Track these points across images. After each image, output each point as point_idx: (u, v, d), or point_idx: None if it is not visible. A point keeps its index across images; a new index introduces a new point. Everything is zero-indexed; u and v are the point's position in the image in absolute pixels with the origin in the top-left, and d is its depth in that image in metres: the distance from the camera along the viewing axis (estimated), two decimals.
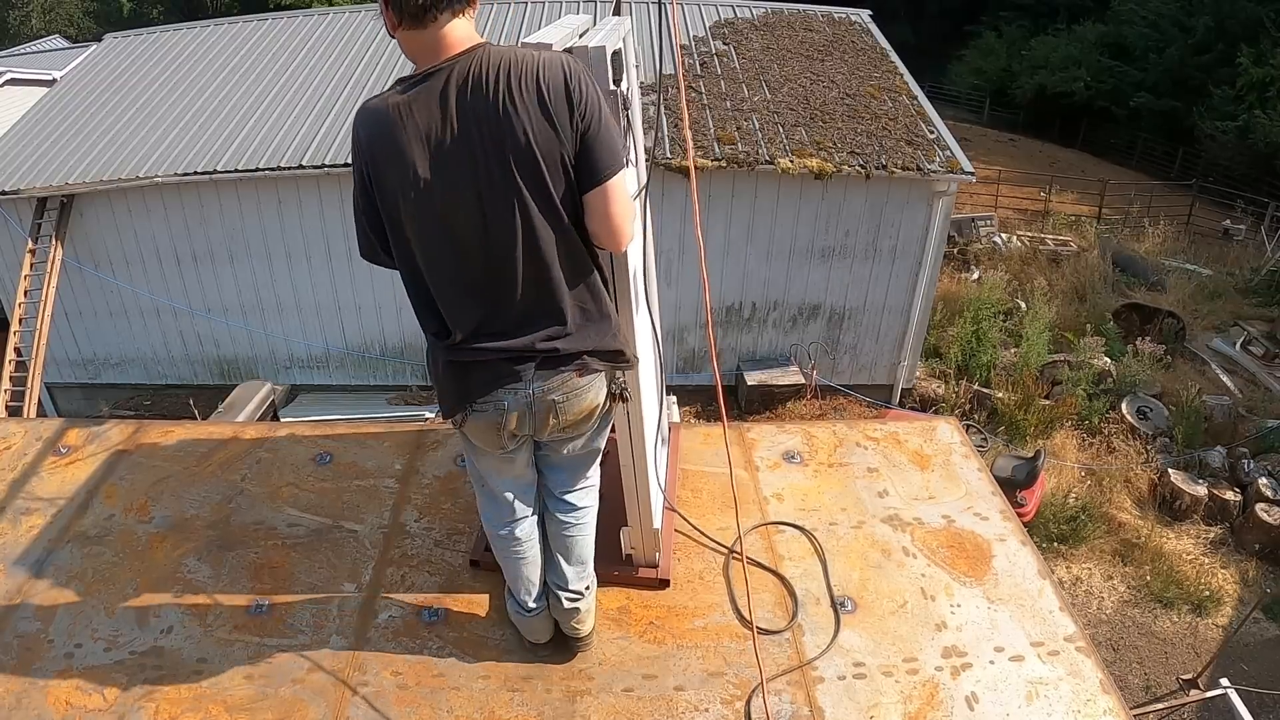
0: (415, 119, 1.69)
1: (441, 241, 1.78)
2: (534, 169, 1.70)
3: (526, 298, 1.81)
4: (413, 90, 1.70)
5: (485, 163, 1.69)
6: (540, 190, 1.71)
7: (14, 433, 3.15)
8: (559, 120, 1.68)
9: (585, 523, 2.20)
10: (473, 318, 1.83)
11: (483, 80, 1.67)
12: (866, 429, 3.21)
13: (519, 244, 1.74)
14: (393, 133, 1.70)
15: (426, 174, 1.70)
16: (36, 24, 27.51)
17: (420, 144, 1.69)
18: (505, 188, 1.71)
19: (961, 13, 30.79)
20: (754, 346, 10.75)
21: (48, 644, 2.30)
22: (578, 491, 2.18)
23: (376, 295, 10.34)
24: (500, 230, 1.74)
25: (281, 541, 2.63)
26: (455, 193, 1.72)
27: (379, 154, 1.73)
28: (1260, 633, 7.98)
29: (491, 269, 1.78)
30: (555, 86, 1.68)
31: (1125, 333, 12.22)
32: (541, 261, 1.77)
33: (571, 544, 2.18)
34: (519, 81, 1.66)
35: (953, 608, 2.45)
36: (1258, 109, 19.81)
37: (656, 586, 2.48)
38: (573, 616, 2.19)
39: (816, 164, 9.37)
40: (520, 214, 1.72)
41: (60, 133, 10.49)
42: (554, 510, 2.18)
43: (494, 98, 1.66)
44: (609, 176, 1.74)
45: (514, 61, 1.68)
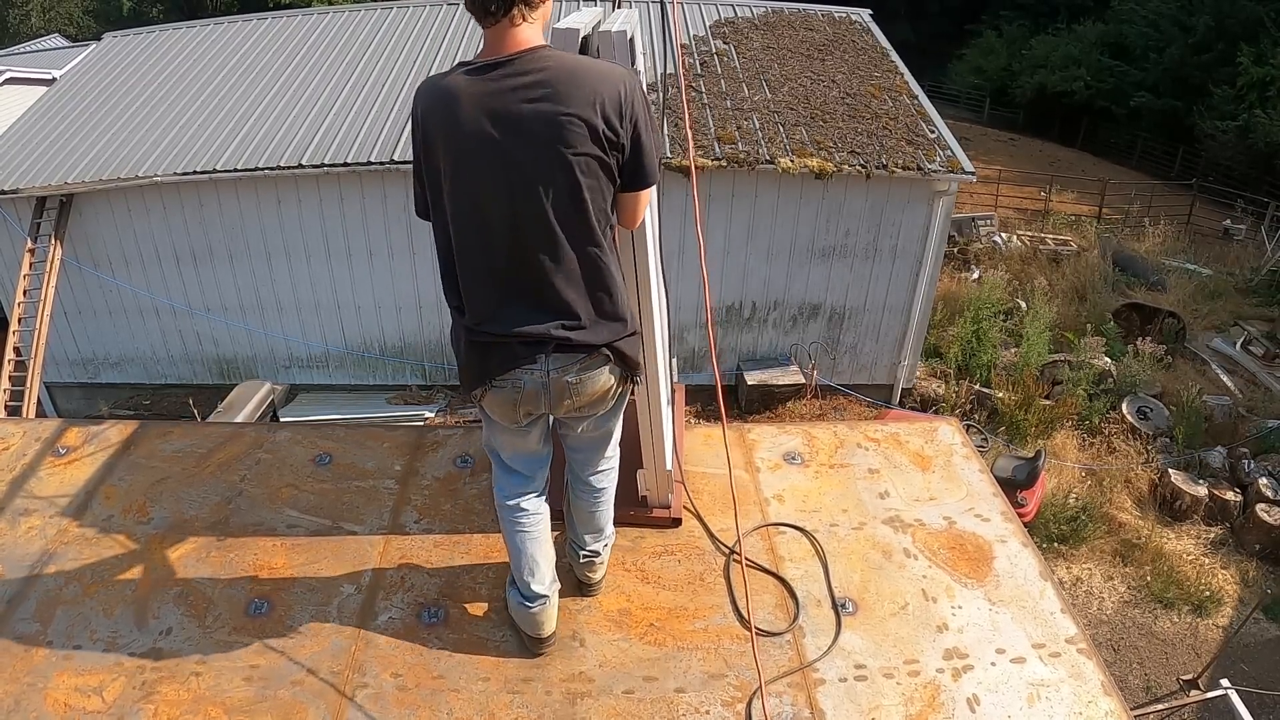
0: (469, 104, 1.76)
1: (474, 226, 1.84)
2: (571, 173, 1.77)
3: (546, 293, 1.87)
4: (472, 76, 1.77)
5: (526, 159, 1.76)
6: (574, 194, 1.79)
7: (13, 433, 3.14)
8: (607, 130, 1.76)
9: (605, 500, 2.33)
10: (491, 302, 1.90)
11: (538, 80, 1.74)
12: (867, 430, 3.20)
13: (545, 242, 1.82)
14: (447, 111, 1.78)
15: (470, 159, 1.78)
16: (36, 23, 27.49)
17: (470, 129, 1.76)
18: (541, 186, 1.77)
19: (962, 12, 30.78)
20: (754, 346, 10.74)
21: (47, 645, 2.29)
22: (599, 474, 2.29)
23: (376, 295, 10.33)
24: (530, 226, 1.80)
25: (281, 542, 2.63)
26: (493, 182, 1.79)
27: (431, 129, 1.81)
28: (1260, 633, 7.98)
29: (515, 260, 1.84)
30: (610, 98, 1.76)
31: (1125, 332, 12.21)
32: (565, 261, 1.84)
33: (592, 518, 2.34)
34: (574, 87, 1.74)
35: (954, 609, 2.44)
36: (1258, 108, 19.81)
37: (669, 525, 2.66)
38: (588, 568, 2.40)
39: (817, 163, 9.36)
40: (552, 213, 1.79)
41: (60, 132, 10.48)
42: (577, 489, 2.32)
43: (546, 99, 1.73)
44: (645, 186, 1.89)
45: (574, 67, 1.77)
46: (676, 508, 2.67)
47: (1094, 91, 24.36)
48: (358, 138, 9.68)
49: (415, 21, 12.39)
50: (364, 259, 10.11)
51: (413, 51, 11.52)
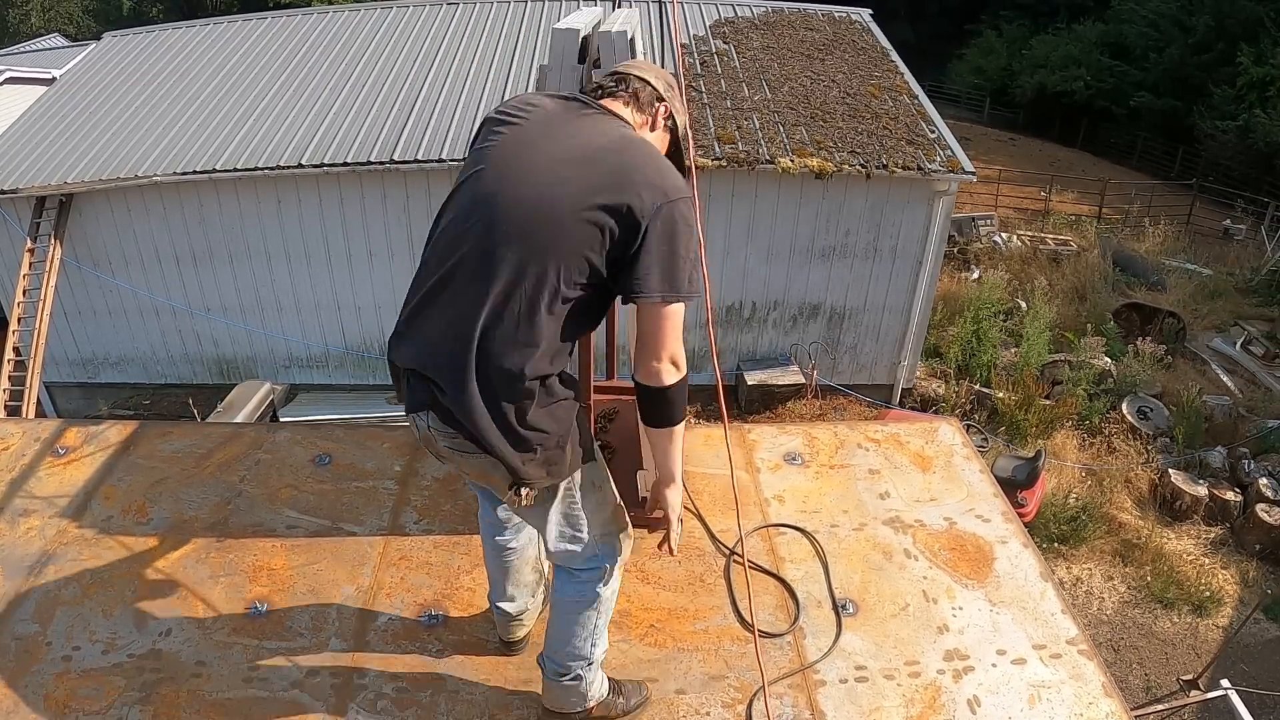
0: (528, 120, 1.72)
1: (449, 234, 1.71)
2: (563, 252, 1.60)
3: (456, 343, 1.63)
4: (550, 99, 1.77)
5: (528, 208, 1.62)
6: (544, 274, 1.61)
7: (12, 433, 3.13)
8: (619, 231, 1.60)
9: (564, 606, 1.98)
10: (409, 319, 1.75)
11: (588, 149, 1.66)
12: (868, 430, 3.20)
13: (486, 297, 1.61)
14: (509, 116, 1.75)
15: (494, 163, 1.70)
16: (36, 22, 27.47)
17: (511, 141, 1.71)
18: (523, 242, 1.61)
19: (962, 12, 30.77)
20: (754, 346, 10.74)
21: (45, 646, 2.29)
22: (562, 571, 1.97)
23: (376, 295, 10.33)
24: (488, 268, 1.62)
25: (280, 543, 2.62)
26: (489, 208, 1.65)
27: (485, 126, 1.79)
28: (1261, 633, 7.97)
29: (457, 294, 1.65)
30: (643, 205, 1.60)
31: (1125, 332, 12.21)
32: (499, 326, 1.61)
33: (553, 619, 2.02)
34: (620, 175, 1.62)
35: (954, 610, 2.44)
36: (1258, 108, 19.80)
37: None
38: (544, 692, 2.10)
39: (817, 163, 9.35)
40: (514, 271, 1.60)
41: (59, 131, 10.47)
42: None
43: (582, 169, 1.63)
44: (667, 300, 1.64)
45: (635, 154, 1.67)
46: None
47: (1094, 91, 24.35)
48: (358, 138, 9.67)
49: (415, 21, 12.39)
50: (364, 259, 10.11)
51: (413, 51, 11.51)
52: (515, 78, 10.67)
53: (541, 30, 11.86)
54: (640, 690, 2.17)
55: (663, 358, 1.67)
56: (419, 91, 10.50)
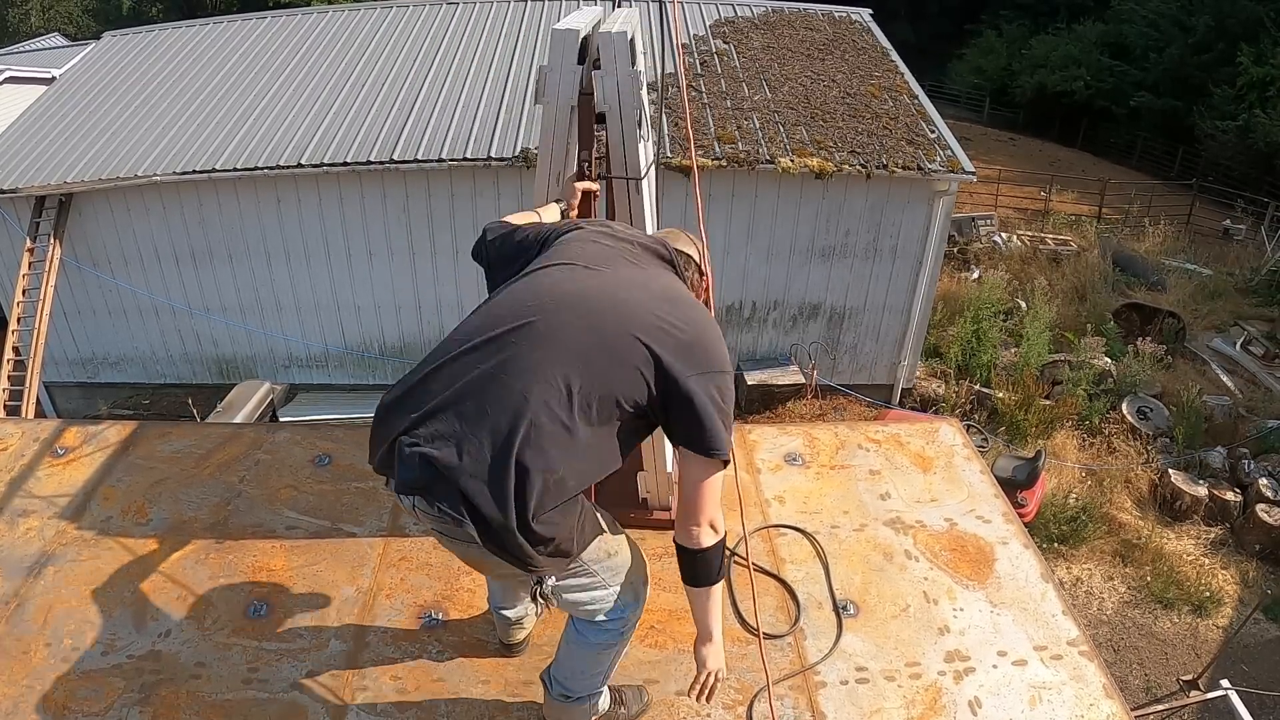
0: (613, 241, 1.83)
1: (505, 319, 1.68)
2: (624, 374, 1.63)
3: (498, 440, 1.56)
4: (640, 242, 1.87)
5: (605, 320, 1.66)
6: (611, 389, 1.63)
7: (11, 433, 3.13)
8: (677, 376, 1.63)
9: (577, 645, 1.96)
10: (434, 395, 1.64)
11: (670, 294, 1.75)
12: (868, 431, 3.19)
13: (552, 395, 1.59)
14: (598, 229, 1.87)
15: (573, 263, 1.76)
16: (36, 21, 27.47)
17: (593, 250, 1.80)
18: (592, 354, 1.62)
19: (962, 12, 30.76)
20: (754, 346, 10.73)
21: (45, 647, 2.28)
22: (585, 621, 1.91)
23: (376, 295, 10.32)
24: (525, 381, 1.59)
25: (280, 544, 2.62)
26: (567, 300, 1.69)
27: (561, 232, 1.89)
28: (1260, 634, 7.97)
29: (507, 386, 1.60)
30: (702, 363, 1.67)
31: (1125, 332, 12.21)
32: (548, 430, 1.57)
33: (564, 648, 2.00)
34: (689, 325, 1.69)
35: (955, 611, 2.43)
36: (1258, 108, 19.80)
37: (670, 527, 2.54)
38: (547, 708, 2.10)
39: (817, 163, 9.35)
40: (577, 378, 1.60)
41: (59, 131, 10.46)
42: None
43: (662, 308, 1.70)
44: (711, 454, 1.67)
45: (701, 312, 1.77)
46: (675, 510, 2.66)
47: (1094, 91, 24.35)
48: (358, 138, 9.66)
49: (415, 21, 12.38)
50: (364, 259, 10.10)
51: (413, 51, 11.51)
52: (515, 78, 10.67)
53: (541, 30, 11.86)
54: (640, 696, 2.17)
55: (702, 522, 1.71)
56: (419, 91, 10.50)
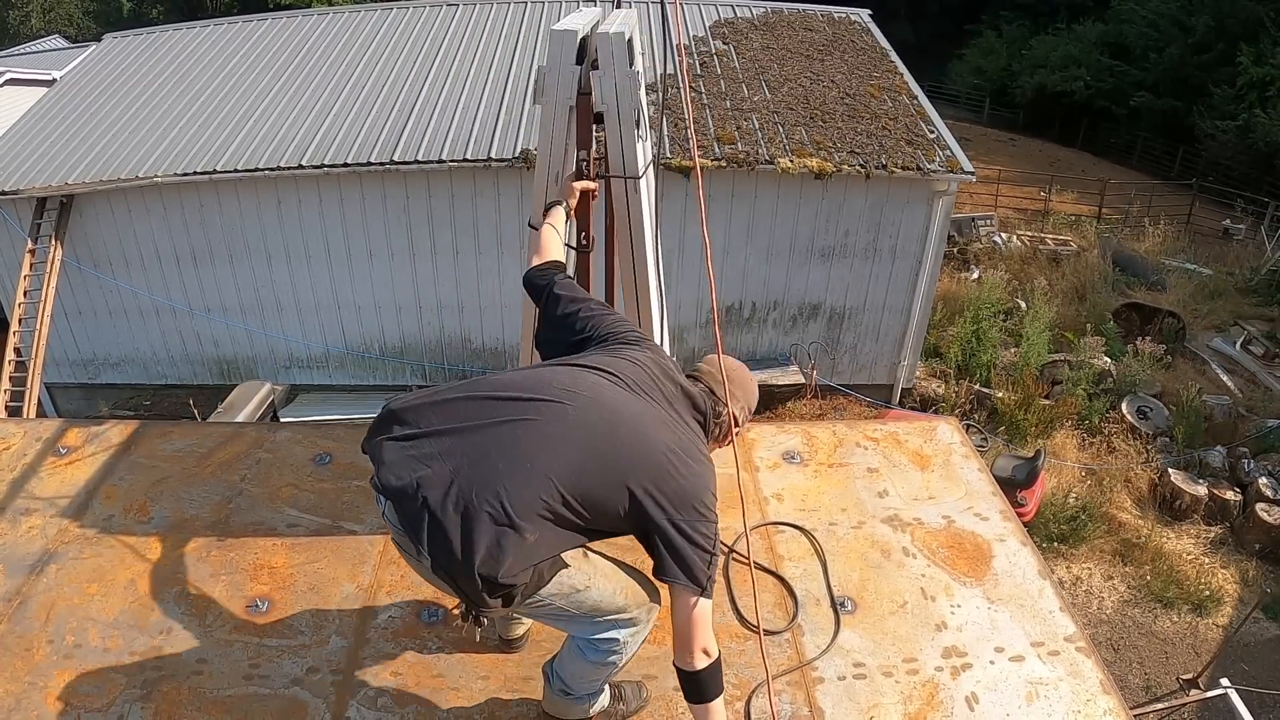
0: (657, 369, 1.94)
1: (521, 386, 1.79)
2: (611, 486, 1.71)
3: (488, 493, 1.61)
4: (660, 373, 1.95)
5: (624, 428, 1.76)
6: (599, 495, 1.71)
7: (13, 433, 3.14)
8: (667, 512, 1.74)
9: (582, 655, 1.99)
10: (426, 421, 1.70)
11: (684, 440, 1.84)
12: (866, 429, 3.20)
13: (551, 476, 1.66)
14: (639, 343, 2.00)
15: (620, 371, 1.87)
16: (36, 24, 27.51)
17: (639, 368, 1.91)
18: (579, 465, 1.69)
19: (961, 12, 30.77)
20: (754, 346, 10.74)
21: (47, 644, 2.29)
22: (585, 639, 1.95)
23: (376, 295, 10.34)
24: (533, 457, 1.66)
25: (281, 542, 2.63)
26: (599, 400, 1.78)
27: (613, 339, 2.01)
28: (1260, 633, 7.98)
29: (511, 444, 1.67)
30: (692, 503, 1.76)
31: (1125, 332, 12.22)
32: (542, 497, 1.64)
33: (565, 652, 2.04)
34: (678, 468, 1.77)
35: (953, 608, 2.44)
36: (1258, 108, 19.79)
37: None
38: (544, 698, 2.14)
39: (816, 164, 9.36)
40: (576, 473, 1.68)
41: (60, 133, 10.49)
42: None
43: (676, 446, 1.80)
44: (692, 590, 1.75)
45: (707, 467, 1.85)
46: None
47: (1094, 91, 24.35)
48: (358, 138, 9.68)
49: (415, 21, 12.40)
50: (364, 259, 10.12)
51: (413, 51, 11.53)
52: (515, 78, 10.68)
53: (541, 30, 11.88)
54: (640, 692, 2.18)
55: (695, 650, 1.79)
56: (419, 91, 10.51)
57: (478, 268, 10.08)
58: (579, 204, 2.46)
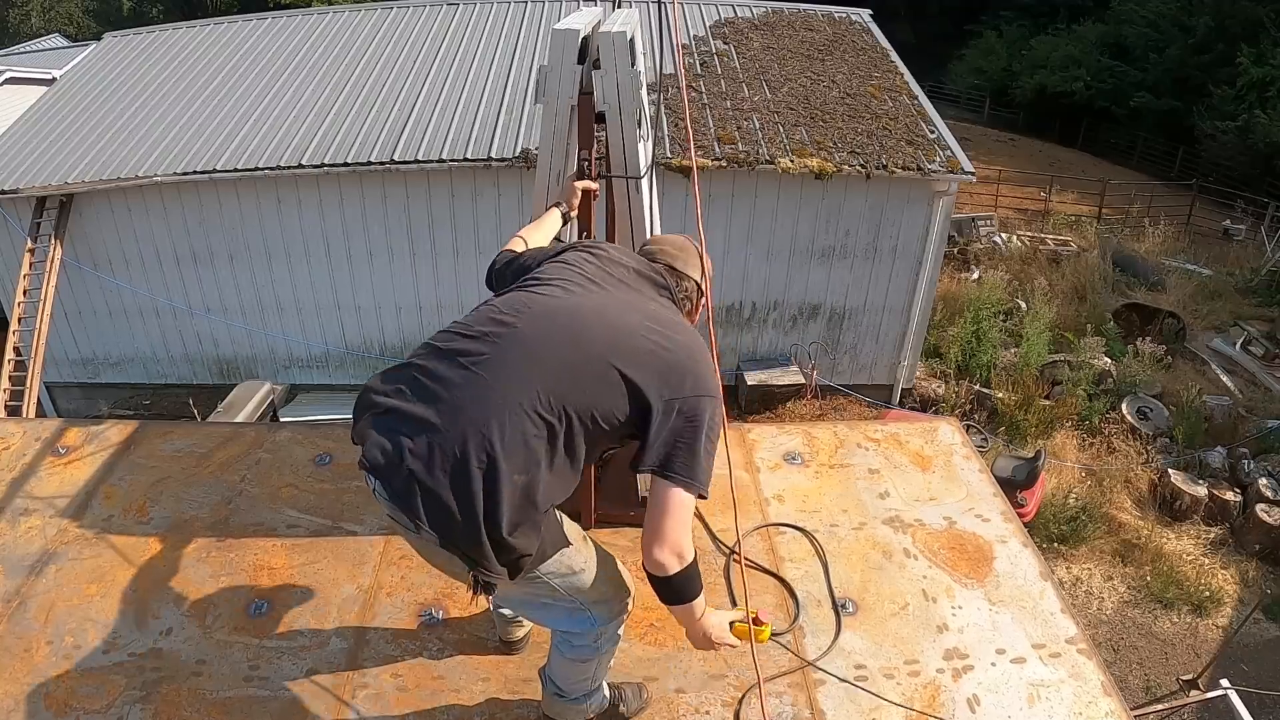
0: (613, 263, 1.84)
1: (492, 327, 1.70)
2: (605, 393, 1.63)
3: (472, 449, 1.56)
4: (635, 259, 1.89)
5: (594, 330, 1.69)
6: (580, 392, 1.63)
7: (13, 433, 3.14)
8: (661, 400, 1.65)
9: (561, 653, 1.97)
10: (401, 383, 1.66)
11: (661, 320, 1.77)
12: (867, 430, 3.20)
13: (527, 408, 1.60)
14: (597, 249, 1.87)
15: (573, 280, 1.77)
16: (36, 23, 27.50)
17: (594, 269, 1.81)
18: (576, 369, 1.63)
19: (962, 12, 30.76)
20: (754, 346, 10.74)
21: (46, 645, 2.29)
22: (560, 635, 1.93)
23: (376, 295, 10.33)
24: (532, 359, 1.64)
25: (281, 542, 2.63)
26: (561, 315, 1.70)
27: (549, 256, 1.90)
28: (1260, 633, 7.98)
29: (501, 365, 1.63)
30: (675, 383, 1.67)
31: (1125, 333, 12.21)
32: (524, 413, 1.59)
33: (551, 654, 2.02)
34: (663, 349, 1.70)
35: (954, 610, 2.44)
36: (1258, 109, 19.79)
37: None
38: (543, 700, 2.11)
39: (817, 164, 9.35)
40: (555, 394, 1.61)
41: (60, 132, 10.48)
42: None
43: (652, 332, 1.71)
44: (671, 480, 1.66)
45: (686, 340, 1.77)
46: None
47: (1094, 92, 24.35)
48: (358, 138, 9.67)
49: (415, 21, 12.39)
50: (364, 259, 10.11)
51: (413, 51, 11.52)
52: (515, 78, 10.68)
53: (541, 30, 11.87)
54: (640, 694, 2.17)
55: (665, 549, 1.68)
56: (419, 91, 10.51)
57: (478, 267, 9.97)
58: (581, 204, 2.46)
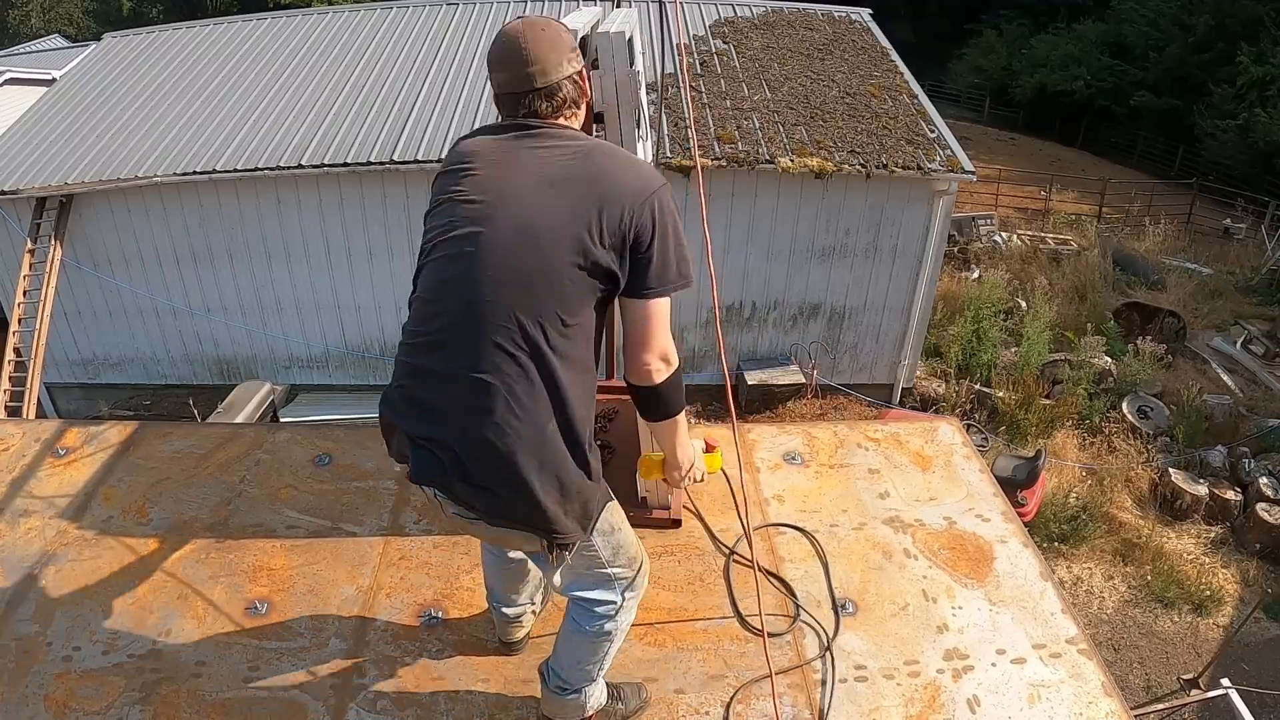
0: (480, 165, 1.68)
1: (442, 281, 1.67)
2: (555, 263, 1.59)
3: (471, 392, 1.58)
4: (490, 139, 1.72)
5: (509, 236, 1.61)
6: (550, 283, 1.59)
7: (12, 434, 3.14)
8: (601, 236, 1.59)
9: (577, 637, 1.94)
10: (420, 369, 1.68)
11: (556, 164, 1.64)
12: (867, 430, 3.19)
13: (500, 318, 1.59)
14: (458, 168, 1.71)
15: (462, 217, 1.66)
16: (36, 23, 27.50)
17: (472, 190, 1.66)
18: (519, 264, 1.59)
19: (962, 11, 30.77)
20: (754, 346, 10.74)
21: (45, 646, 2.29)
22: (579, 605, 1.92)
23: (376, 295, 10.33)
24: (490, 303, 1.60)
25: (280, 543, 2.62)
26: (472, 249, 1.62)
27: (444, 176, 1.75)
28: (1261, 633, 7.97)
29: (461, 332, 1.61)
30: (616, 204, 1.60)
31: (1126, 332, 12.21)
32: (508, 356, 1.58)
33: (563, 641, 1.99)
34: (585, 184, 1.61)
35: (954, 610, 2.44)
36: (1258, 108, 19.78)
37: (669, 526, 2.63)
38: (543, 700, 2.08)
39: (817, 163, 9.35)
40: (513, 294, 1.58)
41: (60, 132, 10.48)
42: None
43: (555, 186, 1.61)
44: (643, 296, 1.64)
45: (592, 159, 1.64)
46: (676, 508, 2.66)
47: (1094, 91, 24.35)
48: (358, 138, 9.67)
49: (415, 21, 12.39)
50: (364, 259, 10.11)
51: (413, 51, 11.52)
52: None
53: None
54: (639, 693, 2.16)
55: (652, 355, 1.65)
56: (419, 91, 10.50)
57: None
58: None
